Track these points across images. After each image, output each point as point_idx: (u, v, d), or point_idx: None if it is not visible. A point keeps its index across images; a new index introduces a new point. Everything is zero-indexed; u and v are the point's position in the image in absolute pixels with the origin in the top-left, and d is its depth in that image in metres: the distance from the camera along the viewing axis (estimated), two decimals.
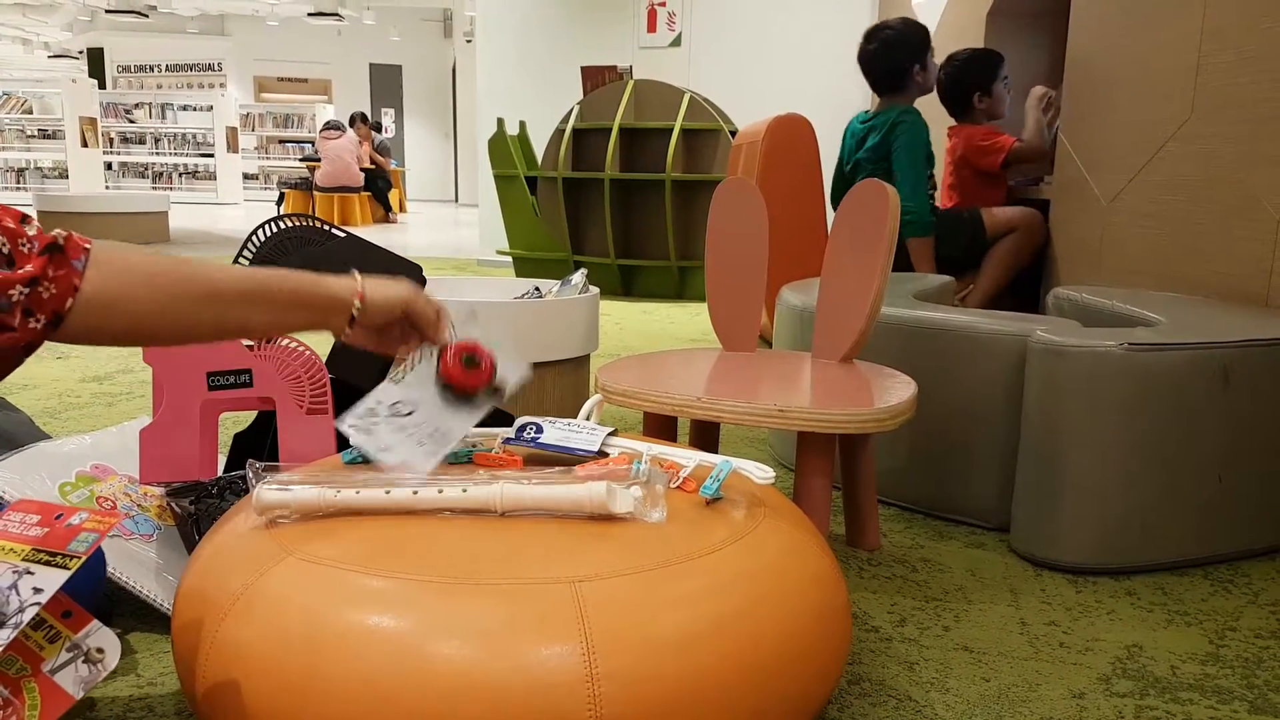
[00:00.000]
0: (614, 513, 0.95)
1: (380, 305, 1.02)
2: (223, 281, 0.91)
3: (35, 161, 13.73)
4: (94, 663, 0.77)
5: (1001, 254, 2.96)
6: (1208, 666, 1.26)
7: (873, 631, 1.33)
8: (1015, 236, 2.93)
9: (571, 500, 0.96)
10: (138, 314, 0.85)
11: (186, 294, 0.88)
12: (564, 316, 2.24)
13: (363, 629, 0.79)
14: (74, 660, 0.75)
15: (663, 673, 0.80)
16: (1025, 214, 2.94)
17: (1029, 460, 1.59)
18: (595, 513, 0.95)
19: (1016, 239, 2.93)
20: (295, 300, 0.97)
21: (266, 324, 0.96)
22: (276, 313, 0.95)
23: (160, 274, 0.87)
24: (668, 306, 4.83)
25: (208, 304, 0.89)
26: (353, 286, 1.01)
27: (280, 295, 0.95)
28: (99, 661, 0.77)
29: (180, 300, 0.87)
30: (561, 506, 0.96)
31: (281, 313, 0.96)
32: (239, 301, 0.91)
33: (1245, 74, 1.99)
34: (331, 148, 10.34)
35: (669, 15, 5.92)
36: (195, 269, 0.90)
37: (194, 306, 0.88)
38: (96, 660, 0.77)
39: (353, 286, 1.01)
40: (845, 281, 1.64)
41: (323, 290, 0.99)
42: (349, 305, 1.00)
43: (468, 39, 15.36)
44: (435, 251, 7.68)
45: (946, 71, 3.23)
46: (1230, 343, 1.53)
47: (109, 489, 1.36)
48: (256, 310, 0.93)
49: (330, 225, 1.65)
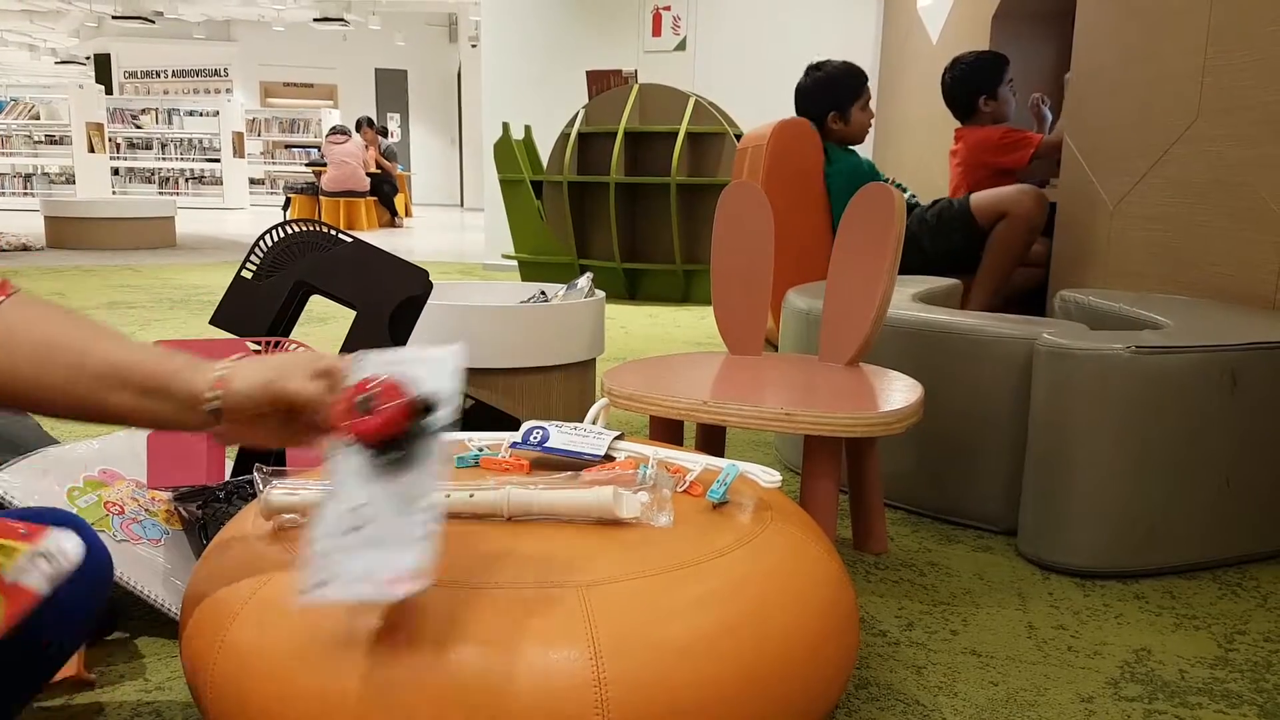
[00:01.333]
0: (620, 518, 0.95)
1: (242, 395, 0.82)
2: (93, 357, 0.80)
3: (42, 167, 13.78)
4: (57, 558, 0.76)
5: (994, 243, 2.82)
6: (1217, 670, 1.25)
7: (880, 635, 1.33)
8: (1007, 222, 2.78)
9: (578, 505, 0.96)
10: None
11: (47, 364, 0.79)
12: (570, 320, 2.24)
13: (370, 634, 0.79)
14: (36, 561, 0.74)
15: (670, 677, 0.80)
16: (1015, 194, 2.79)
17: (1036, 463, 1.59)
18: (602, 518, 0.95)
19: (1009, 224, 2.78)
20: (152, 387, 0.81)
21: (128, 411, 0.82)
22: (135, 399, 0.81)
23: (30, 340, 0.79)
24: (673, 310, 4.83)
25: (72, 381, 0.80)
26: (209, 377, 0.82)
27: (138, 379, 0.81)
28: (63, 556, 0.76)
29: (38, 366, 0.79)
30: (568, 511, 0.96)
31: (139, 400, 0.81)
32: (108, 382, 0.80)
33: (1252, 76, 1.99)
34: (338, 152, 10.37)
35: (674, 19, 5.93)
36: (72, 338, 0.81)
37: (55, 380, 0.79)
38: (59, 556, 0.76)
39: (209, 377, 0.82)
40: (851, 285, 1.64)
41: (179, 381, 0.82)
42: (200, 399, 0.82)
43: (473, 44, 15.40)
44: (441, 256, 7.69)
45: (952, 75, 3.23)
46: (1238, 345, 1.52)
47: (117, 494, 1.36)
48: (114, 394, 0.81)
49: (336, 230, 1.65)
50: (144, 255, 7.00)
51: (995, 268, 2.86)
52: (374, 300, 1.63)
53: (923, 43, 4.66)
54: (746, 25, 5.81)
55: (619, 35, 6.05)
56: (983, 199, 2.85)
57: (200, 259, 6.83)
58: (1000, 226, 2.82)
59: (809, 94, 3.21)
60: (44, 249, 7.30)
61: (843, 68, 3.20)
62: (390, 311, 1.63)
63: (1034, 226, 2.79)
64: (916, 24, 4.78)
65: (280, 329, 1.64)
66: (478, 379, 2.17)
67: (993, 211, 2.82)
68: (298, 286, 1.64)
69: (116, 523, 1.31)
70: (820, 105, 3.18)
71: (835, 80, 3.17)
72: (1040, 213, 2.78)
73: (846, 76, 3.18)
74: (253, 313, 1.62)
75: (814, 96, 3.21)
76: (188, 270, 6.07)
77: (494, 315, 2.13)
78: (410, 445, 0.80)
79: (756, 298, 1.77)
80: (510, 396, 2.18)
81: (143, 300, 4.65)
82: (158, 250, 7.45)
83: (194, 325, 3.95)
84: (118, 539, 1.28)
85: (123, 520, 1.32)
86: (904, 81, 5.02)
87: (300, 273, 1.63)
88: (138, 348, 0.83)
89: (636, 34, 6.02)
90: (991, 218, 2.83)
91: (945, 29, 4.33)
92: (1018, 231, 2.80)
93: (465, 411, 1.87)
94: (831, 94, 3.16)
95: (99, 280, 5.41)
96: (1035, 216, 2.78)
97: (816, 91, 3.20)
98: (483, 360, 2.13)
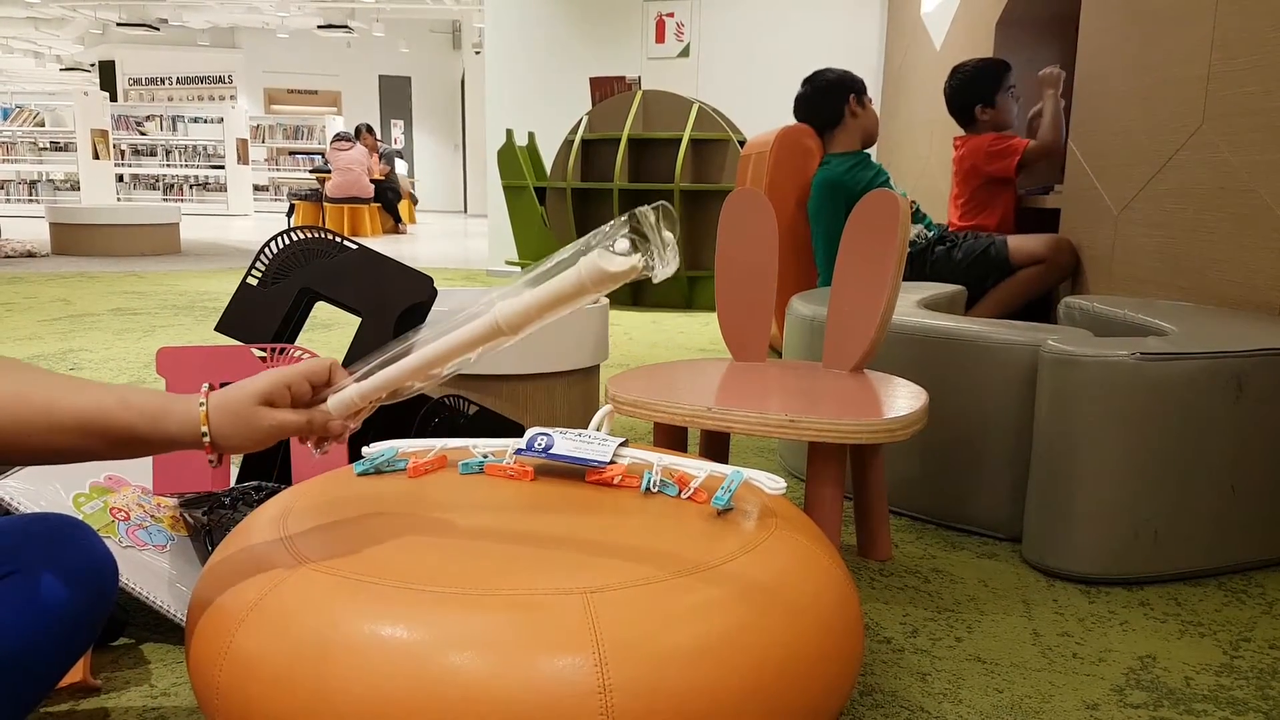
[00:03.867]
0: (613, 272, 0.83)
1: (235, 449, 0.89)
2: (60, 407, 0.83)
3: (47, 174, 13.83)
4: None
5: (1021, 285, 2.84)
6: (1222, 677, 1.25)
7: (885, 642, 1.33)
8: (1042, 269, 2.81)
9: (570, 285, 0.85)
10: None
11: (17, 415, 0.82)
12: (574, 327, 2.24)
13: (376, 640, 0.80)
14: None
15: (675, 684, 0.80)
16: (1054, 243, 2.81)
17: (1041, 470, 1.59)
18: (597, 285, 0.84)
19: (1043, 271, 2.81)
20: (128, 439, 0.85)
21: (108, 453, 0.86)
22: (117, 447, 0.85)
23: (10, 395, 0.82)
24: (677, 316, 4.83)
25: (41, 431, 0.82)
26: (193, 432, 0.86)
27: (115, 433, 0.84)
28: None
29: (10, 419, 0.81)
30: (562, 296, 0.86)
31: (121, 447, 0.85)
32: (76, 432, 0.83)
33: (1256, 82, 1.99)
34: (342, 159, 10.39)
35: (677, 26, 5.94)
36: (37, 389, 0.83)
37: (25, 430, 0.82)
38: None
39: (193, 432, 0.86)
40: (856, 291, 1.64)
41: (160, 434, 0.86)
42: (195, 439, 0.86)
43: (476, 50, 15.43)
44: (444, 262, 7.70)
45: (952, 83, 3.23)
46: (1243, 352, 1.52)
47: (122, 500, 1.37)
48: (94, 442, 0.84)
49: (341, 237, 1.65)
50: (148, 262, 7.01)
51: (1013, 301, 2.88)
52: (379, 307, 1.64)
53: (926, 48, 4.66)
54: (750, 32, 5.82)
55: (622, 42, 6.06)
56: (1023, 247, 2.86)
57: (205, 265, 6.84)
58: (1034, 270, 2.83)
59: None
60: (49, 255, 7.32)
61: (841, 72, 3.22)
62: (395, 318, 1.64)
63: (1065, 277, 2.84)
64: (920, 30, 4.79)
65: (285, 335, 1.64)
66: (482, 385, 2.17)
67: (1030, 258, 2.84)
68: (303, 293, 1.64)
69: (122, 529, 1.31)
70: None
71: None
72: (1073, 263, 2.81)
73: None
74: (258, 319, 1.62)
75: (815, 102, 3.22)
76: (192, 277, 6.09)
77: None
78: None
79: (760, 304, 1.77)
80: (514, 403, 2.18)
81: (148, 306, 4.66)
82: (162, 257, 7.47)
83: (198, 331, 3.96)
84: (123, 545, 1.28)
85: (128, 526, 1.33)
86: (908, 88, 5.03)
87: (305, 279, 1.63)
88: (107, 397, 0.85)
89: (640, 40, 6.03)
90: (1028, 262, 2.85)
91: (949, 35, 4.34)
92: (1049, 280, 2.84)
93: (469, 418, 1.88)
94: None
95: (104, 286, 5.42)
96: (1070, 267, 2.81)
97: (817, 97, 3.21)
98: (486, 367, 2.14)
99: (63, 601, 0.85)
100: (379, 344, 1.63)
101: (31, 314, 4.34)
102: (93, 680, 1.15)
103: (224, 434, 0.87)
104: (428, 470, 1.14)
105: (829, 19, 5.69)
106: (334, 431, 0.94)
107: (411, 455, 1.15)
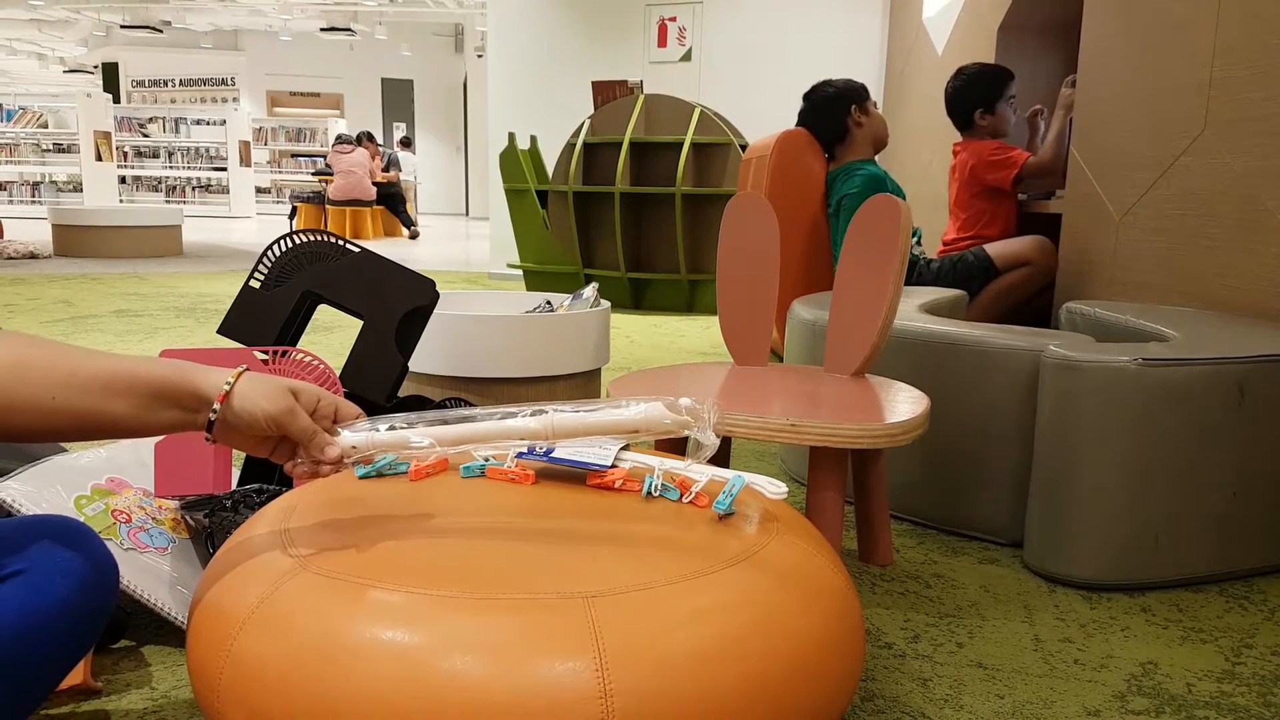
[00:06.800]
0: (667, 425, 0.92)
1: (243, 417, 0.88)
2: (85, 368, 0.83)
3: (50, 175, 13.85)
4: None
5: (1008, 288, 2.90)
6: (1224, 684, 1.25)
7: (886, 648, 1.32)
8: (1029, 271, 2.87)
9: (626, 422, 0.93)
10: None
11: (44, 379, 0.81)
12: (575, 330, 2.24)
13: (377, 643, 0.80)
14: None
15: (676, 689, 0.80)
16: (1039, 245, 2.87)
17: (1042, 475, 1.59)
18: (649, 429, 0.93)
19: (1030, 273, 2.87)
20: (159, 391, 0.86)
21: (131, 418, 0.85)
22: (140, 406, 0.85)
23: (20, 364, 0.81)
24: (678, 320, 4.83)
25: (65, 390, 0.82)
26: (219, 386, 0.88)
27: (144, 386, 0.85)
28: None
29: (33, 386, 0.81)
30: (615, 428, 0.94)
31: (145, 406, 0.85)
32: (100, 391, 0.83)
33: (1258, 89, 1.99)
34: (345, 161, 10.41)
35: (679, 30, 5.95)
36: (61, 353, 0.83)
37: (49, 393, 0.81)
38: None
39: (219, 386, 0.88)
40: (857, 296, 1.64)
41: (188, 385, 0.87)
42: (209, 403, 0.88)
43: (479, 54, 15.45)
44: (446, 265, 7.71)
45: (953, 86, 3.23)
46: (1245, 358, 1.52)
47: (124, 502, 1.37)
48: (119, 401, 0.84)
49: (344, 240, 1.65)
50: (151, 263, 7.02)
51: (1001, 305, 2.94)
52: (381, 310, 1.64)
53: (928, 53, 4.67)
54: (752, 36, 5.83)
55: (624, 46, 6.07)
56: (1004, 251, 2.94)
57: (207, 268, 6.85)
58: (1021, 272, 2.91)
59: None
60: (51, 257, 7.33)
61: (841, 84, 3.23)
62: (397, 321, 1.64)
63: (1050, 277, 2.90)
64: (922, 35, 4.80)
65: (288, 338, 1.65)
66: (483, 389, 2.17)
67: (1014, 260, 2.92)
68: (305, 296, 1.64)
69: (124, 531, 1.31)
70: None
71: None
72: (1054, 264, 2.88)
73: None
74: (260, 322, 1.62)
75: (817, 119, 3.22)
76: (194, 279, 6.09)
77: (499, 325, 2.14)
78: None
79: (762, 308, 1.77)
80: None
81: (150, 308, 4.67)
82: (164, 259, 7.48)
83: (201, 334, 3.96)
84: (125, 547, 1.28)
85: (130, 528, 1.33)
86: (909, 92, 5.03)
87: (308, 282, 1.63)
88: (129, 359, 0.86)
89: (642, 45, 6.04)
90: (1015, 264, 2.92)
91: (951, 40, 4.34)
92: (1036, 282, 2.90)
93: None
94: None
95: (106, 288, 5.43)
96: (1053, 267, 2.88)
97: (817, 114, 3.22)
98: (488, 370, 2.14)
99: (64, 603, 0.85)
100: (381, 347, 1.63)
101: (34, 315, 4.34)
102: (93, 682, 1.15)
103: (243, 395, 0.88)
104: (429, 474, 1.14)
105: (831, 23, 5.70)
106: (329, 457, 0.93)
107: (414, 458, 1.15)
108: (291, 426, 0.90)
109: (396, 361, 1.63)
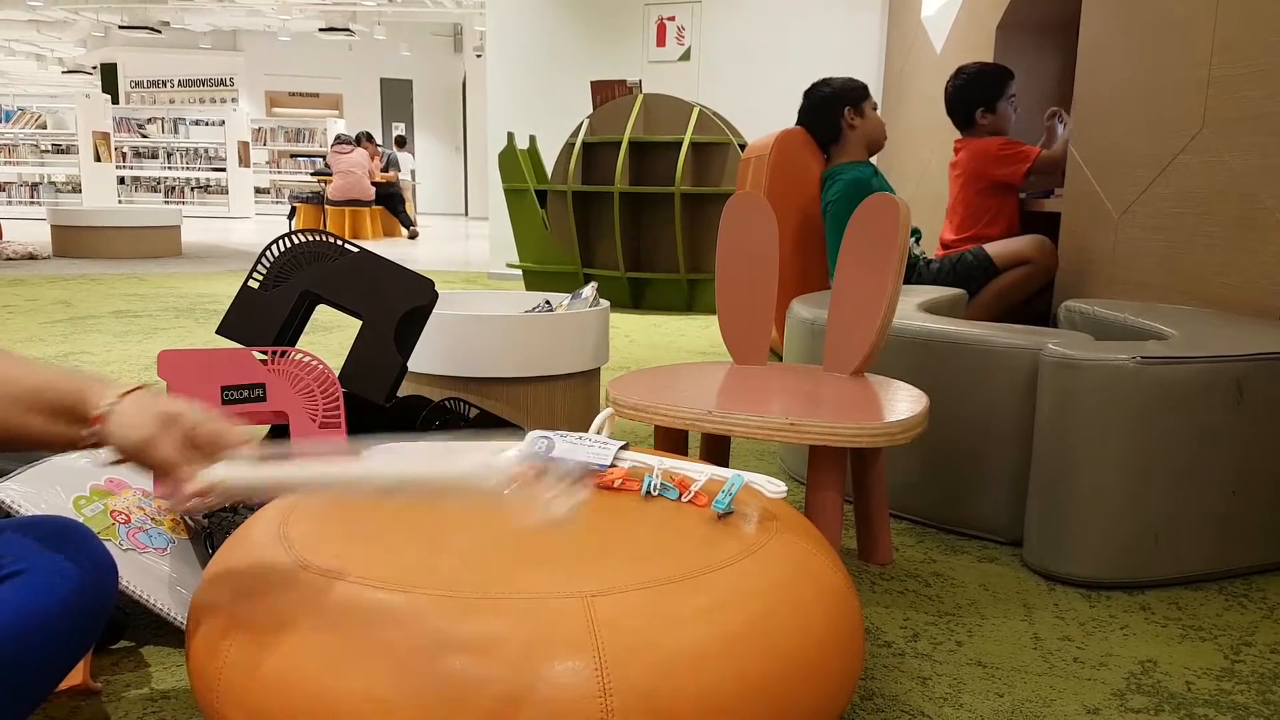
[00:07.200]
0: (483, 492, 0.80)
1: (119, 442, 0.83)
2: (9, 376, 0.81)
3: (49, 176, 13.84)
4: None
5: (1008, 287, 2.90)
6: (1223, 682, 1.25)
7: (885, 646, 1.32)
8: (1030, 270, 2.87)
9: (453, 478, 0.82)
10: None
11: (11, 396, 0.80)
12: (574, 330, 2.24)
13: (376, 644, 0.80)
14: None
15: (675, 687, 0.80)
16: (1038, 244, 2.87)
17: (1041, 474, 1.59)
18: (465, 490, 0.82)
19: (1030, 272, 2.87)
20: (37, 402, 0.82)
21: (43, 433, 0.83)
22: (16, 411, 0.82)
23: None
24: (678, 319, 4.83)
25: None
26: (113, 388, 0.84)
27: (21, 393, 0.82)
28: None
29: None
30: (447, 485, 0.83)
31: (22, 412, 0.82)
32: (17, 404, 0.81)
33: (1257, 87, 1.99)
34: (344, 162, 10.41)
35: (678, 29, 5.94)
36: None
37: None
38: None
39: (113, 388, 0.84)
40: (856, 295, 1.64)
41: (68, 399, 0.83)
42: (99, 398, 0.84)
43: (478, 54, 15.45)
44: (445, 265, 7.70)
45: (953, 85, 3.23)
46: (1244, 356, 1.52)
47: (123, 502, 1.37)
48: (34, 416, 0.82)
49: (343, 240, 1.65)
50: (150, 264, 7.02)
51: (1002, 304, 2.93)
52: (380, 310, 1.64)
53: (927, 52, 4.67)
54: (750, 35, 5.83)
55: (623, 45, 6.07)
56: (1003, 250, 2.94)
57: (206, 268, 6.85)
58: (1021, 270, 2.90)
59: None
60: (50, 258, 7.33)
61: (839, 83, 3.23)
62: (396, 321, 1.64)
63: (1049, 276, 2.90)
64: (921, 33, 4.80)
65: (287, 338, 1.65)
66: (482, 388, 2.17)
67: (1014, 259, 2.91)
68: (304, 296, 1.64)
69: (123, 531, 1.31)
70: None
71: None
72: (1054, 262, 2.88)
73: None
74: (259, 322, 1.62)
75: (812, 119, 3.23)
76: (193, 279, 6.09)
77: (499, 325, 2.14)
78: None
79: (761, 307, 1.77)
80: (515, 406, 2.18)
81: (149, 309, 4.66)
82: (163, 259, 7.47)
83: (200, 334, 3.96)
84: (124, 548, 1.28)
85: (129, 529, 1.33)
86: (908, 91, 5.03)
87: (306, 282, 1.63)
88: (23, 363, 0.84)
89: (641, 44, 6.04)
90: (1015, 263, 2.92)
91: (949, 39, 4.34)
92: (1036, 280, 2.89)
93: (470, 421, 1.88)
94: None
95: (105, 289, 5.43)
96: (1053, 267, 2.88)
97: (813, 114, 3.22)
98: (487, 370, 2.14)
99: (63, 604, 0.85)
100: (380, 346, 1.63)
101: (32, 316, 4.34)
102: (93, 683, 1.15)
103: (123, 412, 0.83)
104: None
105: (830, 23, 5.69)
106: (186, 492, 0.84)
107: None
108: (152, 457, 0.83)
109: (396, 361, 1.63)
